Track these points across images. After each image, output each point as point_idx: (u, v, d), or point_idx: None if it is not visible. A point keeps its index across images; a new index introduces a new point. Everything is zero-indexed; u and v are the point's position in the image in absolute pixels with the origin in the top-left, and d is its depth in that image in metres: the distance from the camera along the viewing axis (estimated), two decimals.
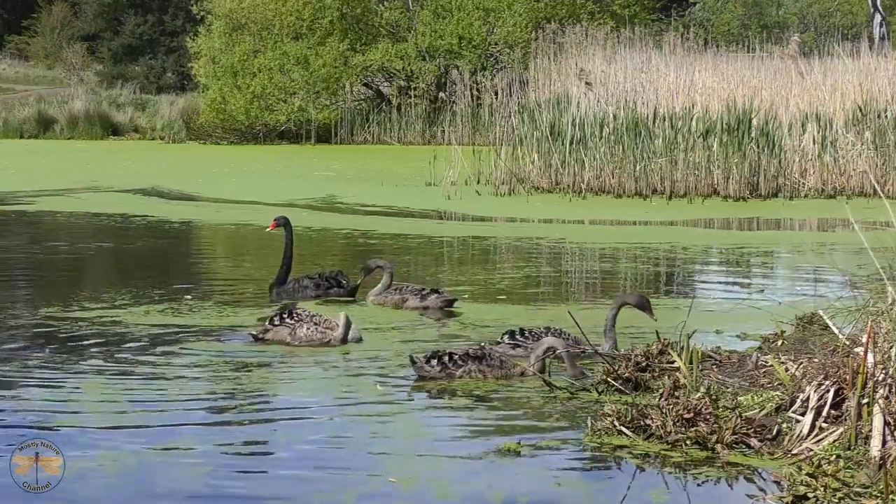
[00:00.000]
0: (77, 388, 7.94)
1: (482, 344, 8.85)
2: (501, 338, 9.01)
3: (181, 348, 9.23)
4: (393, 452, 6.59)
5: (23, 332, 9.98)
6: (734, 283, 13.41)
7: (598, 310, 10.92)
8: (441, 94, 41.31)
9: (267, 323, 9.60)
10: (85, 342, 9.47)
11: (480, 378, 8.13)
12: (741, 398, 7.06)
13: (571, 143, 23.21)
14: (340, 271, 12.06)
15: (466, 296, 11.85)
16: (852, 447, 6.18)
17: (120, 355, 8.97)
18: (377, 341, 9.60)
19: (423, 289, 11.15)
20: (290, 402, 7.75)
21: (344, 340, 9.34)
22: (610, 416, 6.79)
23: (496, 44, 41.84)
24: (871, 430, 6.14)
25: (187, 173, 29.42)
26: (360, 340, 9.48)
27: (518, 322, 9.81)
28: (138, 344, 9.40)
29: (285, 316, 9.50)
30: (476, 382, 8.08)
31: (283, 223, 11.82)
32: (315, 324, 9.39)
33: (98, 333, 9.81)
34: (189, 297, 11.60)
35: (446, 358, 8.21)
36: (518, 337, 8.90)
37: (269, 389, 8.07)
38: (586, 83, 23.60)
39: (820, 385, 6.61)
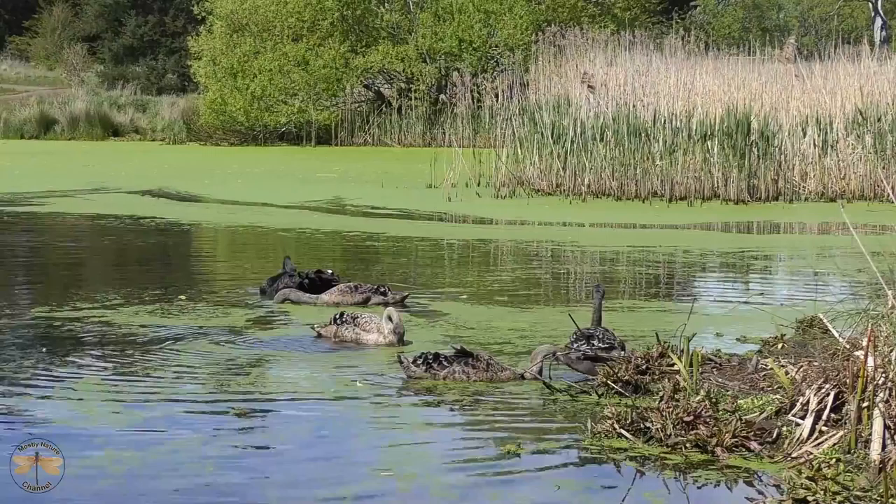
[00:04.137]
0: (77, 387, 7.94)
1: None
2: (572, 345, 8.67)
3: (180, 348, 9.23)
4: (391, 452, 6.59)
5: (24, 332, 9.98)
6: (734, 287, 13.41)
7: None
8: (441, 96, 41.28)
9: (329, 321, 9.86)
10: (85, 342, 9.49)
11: (464, 380, 8.13)
12: (741, 401, 7.06)
13: (572, 145, 23.22)
14: (332, 271, 12.14)
15: (464, 297, 11.87)
16: (852, 451, 6.19)
17: (119, 355, 8.97)
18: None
19: (380, 286, 11.55)
20: (288, 400, 7.77)
21: (400, 341, 9.40)
22: (610, 418, 6.80)
23: (497, 46, 41.80)
24: (871, 434, 6.15)
25: (191, 175, 29.36)
26: (402, 342, 9.50)
27: (515, 323, 9.78)
28: (137, 344, 9.40)
29: (337, 316, 9.79)
30: (478, 383, 8.07)
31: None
32: (356, 325, 9.59)
33: (98, 334, 9.82)
34: (183, 297, 11.62)
35: (431, 358, 8.24)
36: (595, 343, 8.61)
37: (266, 389, 8.05)
38: (589, 86, 23.59)
39: (820, 388, 6.61)
